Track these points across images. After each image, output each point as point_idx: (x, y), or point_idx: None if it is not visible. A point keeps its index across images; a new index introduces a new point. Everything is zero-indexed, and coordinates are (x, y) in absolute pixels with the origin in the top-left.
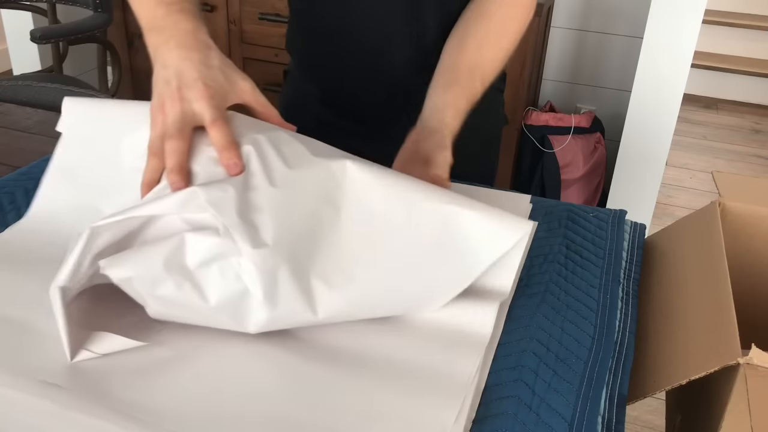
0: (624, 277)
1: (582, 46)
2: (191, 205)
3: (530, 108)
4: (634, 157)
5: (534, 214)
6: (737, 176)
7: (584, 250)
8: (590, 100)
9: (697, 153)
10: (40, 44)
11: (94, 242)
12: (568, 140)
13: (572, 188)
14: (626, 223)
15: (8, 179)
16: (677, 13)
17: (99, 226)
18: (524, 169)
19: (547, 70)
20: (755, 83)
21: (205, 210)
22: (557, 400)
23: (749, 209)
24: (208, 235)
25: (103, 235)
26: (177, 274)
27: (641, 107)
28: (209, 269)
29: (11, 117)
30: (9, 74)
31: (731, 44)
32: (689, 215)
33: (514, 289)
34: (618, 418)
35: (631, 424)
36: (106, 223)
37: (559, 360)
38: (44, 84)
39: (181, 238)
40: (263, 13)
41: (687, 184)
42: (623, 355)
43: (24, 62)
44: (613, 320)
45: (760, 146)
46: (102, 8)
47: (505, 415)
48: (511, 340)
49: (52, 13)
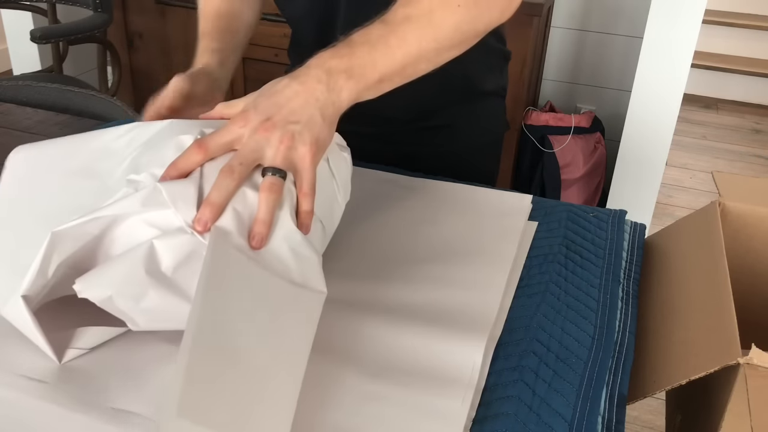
0: (624, 277)
1: (582, 46)
2: (152, 202)
3: (530, 108)
4: (634, 157)
5: (534, 214)
6: (737, 176)
7: (584, 250)
8: (590, 100)
9: (697, 153)
10: (40, 44)
11: (56, 248)
12: (568, 140)
13: (572, 188)
14: (626, 223)
15: None
16: (677, 13)
17: (60, 231)
18: (524, 169)
19: (547, 70)
20: (755, 83)
21: (167, 207)
22: (557, 400)
23: (749, 209)
24: (174, 235)
25: (64, 240)
26: (157, 283)
27: (641, 107)
28: (186, 269)
29: (11, 117)
30: (9, 74)
31: (731, 44)
32: (689, 215)
33: (514, 288)
34: (618, 418)
35: (631, 424)
36: (67, 227)
37: (560, 360)
38: (44, 84)
39: (150, 246)
40: (263, 13)
41: (687, 184)
42: (623, 355)
43: (24, 62)
44: (613, 320)
45: (760, 146)
46: (102, 8)
47: (505, 415)
48: (511, 340)
49: (52, 13)
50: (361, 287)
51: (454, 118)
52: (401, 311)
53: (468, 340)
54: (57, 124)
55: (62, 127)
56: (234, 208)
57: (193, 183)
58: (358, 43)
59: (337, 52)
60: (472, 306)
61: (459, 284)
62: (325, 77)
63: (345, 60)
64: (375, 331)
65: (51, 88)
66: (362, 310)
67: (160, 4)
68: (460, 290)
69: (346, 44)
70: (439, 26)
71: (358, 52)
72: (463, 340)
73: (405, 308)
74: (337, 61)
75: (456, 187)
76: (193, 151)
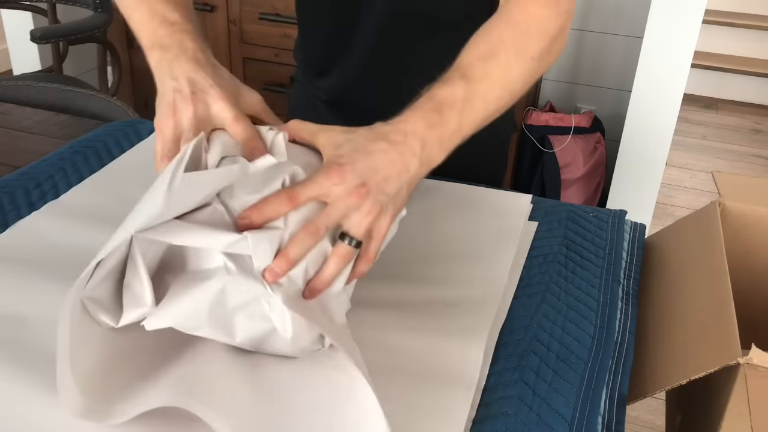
0: (624, 277)
1: (582, 46)
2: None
3: (530, 108)
4: (634, 157)
5: (534, 214)
6: (737, 176)
7: (584, 250)
8: (590, 100)
9: (697, 153)
10: (40, 44)
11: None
12: (568, 140)
13: (572, 188)
14: (626, 223)
15: (8, 179)
16: (677, 13)
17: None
18: (524, 169)
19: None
20: (755, 83)
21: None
22: (557, 400)
23: (749, 209)
24: (246, 278)
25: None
26: (215, 322)
27: (641, 107)
28: (242, 312)
29: (11, 117)
30: (9, 74)
31: (731, 44)
32: (689, 215)
33: (514, 288)
34: (618, 418)
35: (631, 424)
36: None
37: (560, 360)
38: (44, 84)
39: (223, 286)
40: (263, 13)
41: (687, 184)
42: (623, 355)
43: (24, 62)
44: (613, 320)
45: (761, 146)
46: (102, 8)
47: (505, 415)
48: (511, 340)
49: (52, 13)
50: (361, 287)
51: None
52: (401, 311)
53: (468, 340)
54: (57, 124)
55: (62, 127)
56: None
57: (277, 236)
58: (446, 107)
59: (430, 121)
60: (472, 306)
61: (459, 284)
62: (419, 150)
63: (437, 131)
64: (375, 331)
65: (51, 88)
66: (362, 309)
67: None
68: (460, 290)
69: (435, 109)
70: (515, 81)
71: (448, 119)
72: (463, 340)
73: (405, 308)
74: (431, 132)
75: (456, 186)
76: (282, 201)
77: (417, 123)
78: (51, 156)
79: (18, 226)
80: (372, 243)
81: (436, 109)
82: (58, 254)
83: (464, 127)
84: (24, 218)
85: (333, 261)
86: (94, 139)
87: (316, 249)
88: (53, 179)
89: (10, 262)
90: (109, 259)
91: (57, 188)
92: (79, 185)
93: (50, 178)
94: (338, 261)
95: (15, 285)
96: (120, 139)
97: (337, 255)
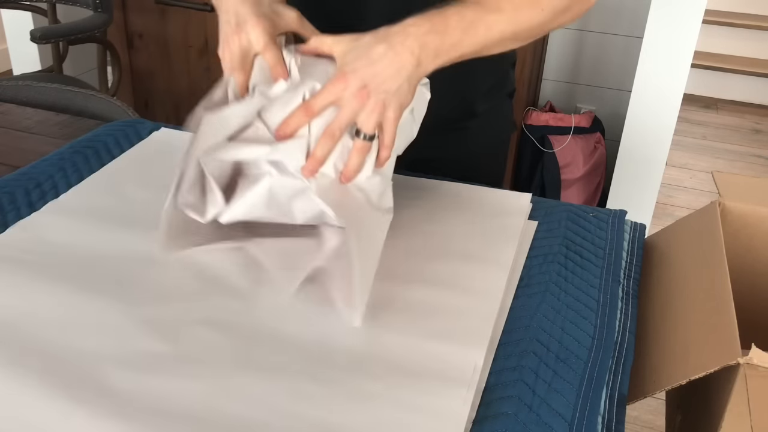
0: (624, 277)
1: (582, 46)
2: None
3: (530, 108)
4: (634, 157)
5: (534, 214)
6: (737, 176)
7: (584, 250)
8: (590, 100)
9: (697, 153)
10: (40, 44)
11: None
12: (568, 140)
13: (572, 188)
14: (626, 223)
15: (8, 179)
16: (677, 13)
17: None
18: (524, 169)
19: (547, 70)
20: (755, 83)
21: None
22: (557, 400)
23: (749, 209)
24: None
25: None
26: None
27: (641, 107)
28: (297, 199)
29: (11, 117)
30: (9, 74)
31: (731, 44)
32: (689, 215)
33: (514, 287)
34: (618, 418)
35: (631, 424)
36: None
37: (560, 360)
38: (44, 84)
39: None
40: None
41: (687, 184)
42: (623, 355)
43: (24, 62)
44: (613, 320)
45: (760, 146)
46: (102, 8)
47: (505, 415)
48: (511, 340)
49: (52, 13)
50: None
51: (465, 123)
52: (401, 311)
53: (468, 341)
54: (57, 124)
55: (62, 127)
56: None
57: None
58: (452, 22)
59: (434, 27)
60: (472, 306)
61: (459, 284)
62: (418, 51)
63: (438, 38)
64: (375, 331)
65: (51, 88)
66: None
67: (160, 4)
68: (460, 290)
69: (442, 19)
70: (521, 24)
71: (451, 32)
72: (463, 340)
73: (405, 307)
74: (431, 37)
75: (456, 186)
76: (301, 114)
77: (422, 25)
78: (51, 156)
79: (18, 226)
80: (385, 133)
81: (443, 18)
82: (58, 254)
83: (463, 45)
84: (24, 218)
85: (354, 154)
86: (94, 139)
87: (339, 146)
88: (53, 179)
89: (10, 262)
90: (188, 173)
91: (57, 188)
92: (79, 185)
93: (50, 178)
94: (358, 154)
95: (15, 285)
96: (120, 139)
97: (356, 149)
